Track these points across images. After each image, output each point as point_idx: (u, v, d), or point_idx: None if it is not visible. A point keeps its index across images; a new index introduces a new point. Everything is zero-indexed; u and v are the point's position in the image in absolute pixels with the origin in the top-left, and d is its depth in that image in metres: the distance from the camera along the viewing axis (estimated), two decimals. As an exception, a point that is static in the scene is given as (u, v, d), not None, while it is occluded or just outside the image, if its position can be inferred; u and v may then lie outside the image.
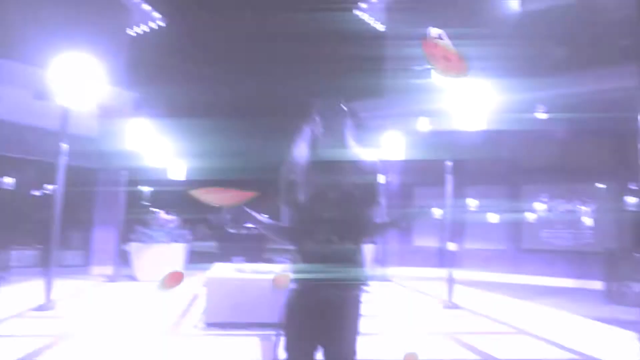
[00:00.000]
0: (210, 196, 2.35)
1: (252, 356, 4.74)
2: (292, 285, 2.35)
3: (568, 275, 10.81)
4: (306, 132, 2.38)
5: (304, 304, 2.30)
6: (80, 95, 6.97)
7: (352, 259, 2.31)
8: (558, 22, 11.39)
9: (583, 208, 11.19)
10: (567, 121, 10.76)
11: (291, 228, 2.36)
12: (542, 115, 10.89)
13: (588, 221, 11.09)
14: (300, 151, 2.36)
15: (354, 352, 2.36)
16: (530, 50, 11.45)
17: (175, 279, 2.41)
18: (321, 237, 2.25)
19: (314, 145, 2.34)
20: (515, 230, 11.91)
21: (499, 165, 12.30)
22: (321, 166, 2.29)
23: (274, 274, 6.15)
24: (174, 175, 12.42)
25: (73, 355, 4.65)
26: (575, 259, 10.88)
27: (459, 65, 2.18)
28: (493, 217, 12.29)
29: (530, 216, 11.83)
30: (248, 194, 2.29)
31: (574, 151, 11.46)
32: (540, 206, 11.73)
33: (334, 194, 2.27)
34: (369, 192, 2.33)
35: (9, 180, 11.40)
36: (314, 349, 2.33)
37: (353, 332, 2.35)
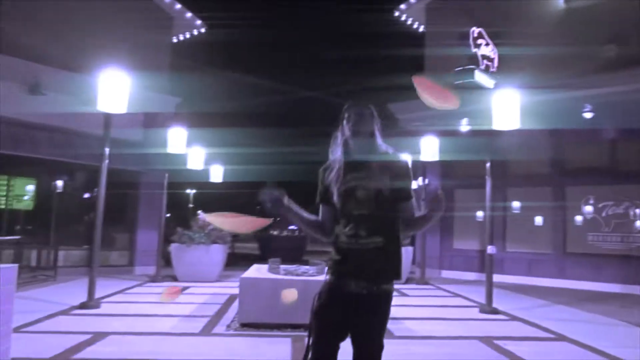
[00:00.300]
0: (224, 221, 2.43)
1: (285, 357, 4.77)
2: (326, 278, 2.47)
3: (616, 281, 10.39)
4: (338, 135, 2.53)
5: (334, 295, 2.40)
6: (124, 102, 7.18)
7: (381, 254, 2.37)
8: (605, 18, 10.99)
9: (632, 210, 10.72)
10: (615, 120, 10.38)
11: (324, 223, 2.51)
12: (588, 115, 10.54)
13: (638, 224, 10.61)
14: (334, 153, 2.52)
15: (380, 346, 2.39)
16: (576, 48, 11.10)
17: (173, 293, 2.53)
18: (350, 233, 2.38)
19: (345, 147, 2.49)
20: (559, 233, 11.53)
21: (543, 166, 11.98)
22: (351, 166, 2.45)
23: (306, 275, 6.20)
24: (215, 178, 12.64)
25: (112, 351, 4.80)
26: (623, 264, 10.45)
27: (448, 98, 2.42)
28: (537, 220, 11.96)
29: (575, 219, 11.43)
30: (263, 221, 2.38)
31: (622, 151, 11.03)
32: (586, 208, 11.32)
33: (362, 192, 2.41)
34: (398, 189, 2.43)
35: (59, 184, 11.92)
36: (339, 340, 2.40)
37: (380, 326, 2.39)
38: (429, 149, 10.85)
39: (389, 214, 2.41)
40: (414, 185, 2.51)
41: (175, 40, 14.44)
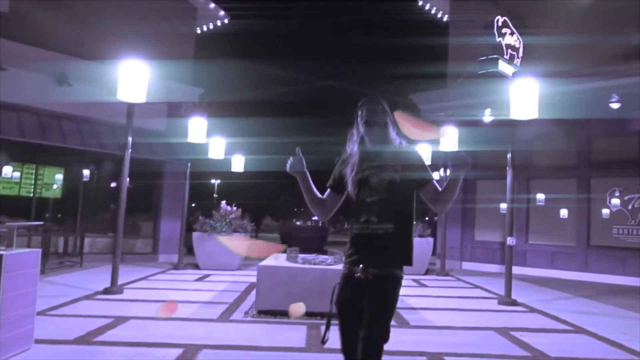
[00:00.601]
0: (239, 245, 2.51)
1: (300, 343, 4.84)
2: (343, 266, 2.63)
3: (641, 275, 10.20)
4: (354, 132, 2.67)
5: (348, 281, 2.53)
6: (144, 92, 7.27)
7: (391, 240, 2.49)
8: (633, 5, 10.69)
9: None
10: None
11: (326, 202, 2.69)
12: (615, 105, 10.30)
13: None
14: (349, 146, 2.67)
15: (384, 330, 2.43)
16: (604, 37, 10.83)
17: (170, 308, 2.59)
18: (363, 219, 2.52)
19: (360, 141, 2.64)
20: (583, 226, 11.34)
21: (568, 158, 11.78)
22: (366, 158, 2.59)
23: (324, 264, 6.25)
24: (236, 168, 12.76)
25: (132, 334, 4.93)
26: (649, 257, 10.25)
27: (429, 131, 2.54)
28: (561, 212, 11.78)
29: (600, 211, 11.22)
30: (278, 248, 2.47)
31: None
32: (612, 201, 11.10)
33: (375, 180, 2.53)
34: (413, 177, 2.54)
35: (85, 173, 12.20)
36: (358, 325, 2.46)
37: (386, 309, 2.45)
38: (449, 139, 10.74)
39: (401, 201, 2.53)
40: (436, 175, 2.59)
41: (199, 31, 14.56)
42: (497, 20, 12.35)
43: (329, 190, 2.72)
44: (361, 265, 2.47)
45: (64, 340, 4.58)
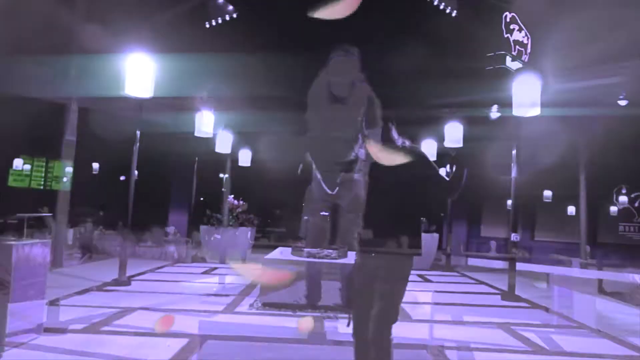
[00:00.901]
0: (249, 272, 2.66)
1: (302, 335, 4.91)
2: (356, 256, 2.90)
3: (647, 272, 10.16)
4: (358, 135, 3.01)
5: (360, 271, 2.81)
6: (151, 86, 7.35)
7: (402, 233, 2.73)
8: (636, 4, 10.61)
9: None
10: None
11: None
12: (623, 102, 10.27)
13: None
14: (356, 150, 2.84)
15: (394, 311, 2.68)
16: (612, 33, 10.77)
17: (167, 322, 2.68)
18: (375, 219, 2.80)
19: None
20: (590, 223, 11.31)
21: (575, 154, 11.74)
22: (376, 166, 2.84)
23: (329, 258, 6.32)
24: (244, 162, 12.85)
25: (138, 324, 5.03)
26: (656, 255, 10.22)
27: (399, 155, 2.70)
28: (567, 209, 11.77)
29: (607, 208, 11.20)
30: (288, 276, 2.64)
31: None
32: (618, 198, 11.07)
33: (384, 182, 2.81)
34: (420, 176, 2.78)
35: (95, 166, 12.35)
36: (369, 309, 2.69)
37: (395, 292, 2.71)
38: (453, 135, 10.74)
39: (408, 198, 2.78)
40: (442, 172, 2.80)
41: (207, 25, 14.57)
42: (506, 16, 12.30)
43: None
44: (374, 255, 2.73)
45: (72, 330, 4.69)
